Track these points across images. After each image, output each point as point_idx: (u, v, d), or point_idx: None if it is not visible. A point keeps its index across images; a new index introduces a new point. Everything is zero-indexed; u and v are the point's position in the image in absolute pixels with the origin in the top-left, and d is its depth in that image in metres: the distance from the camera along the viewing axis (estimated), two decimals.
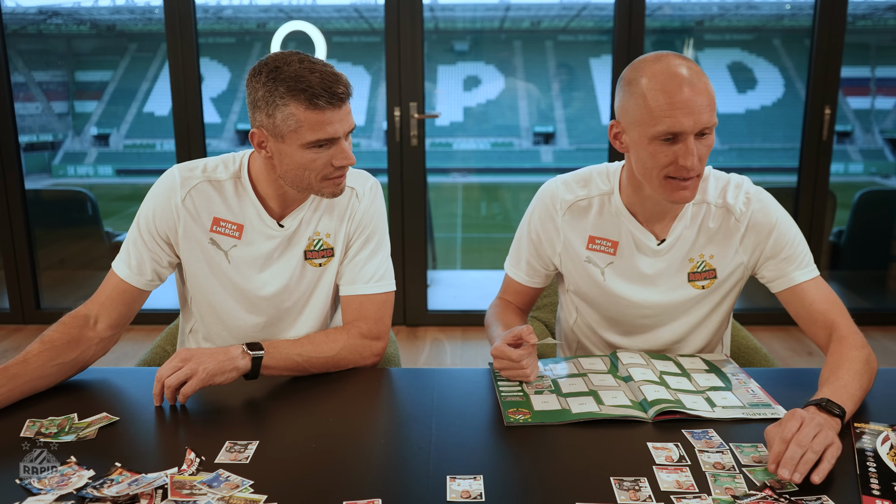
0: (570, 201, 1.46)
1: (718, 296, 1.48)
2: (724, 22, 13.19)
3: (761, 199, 1.40)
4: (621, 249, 1.44)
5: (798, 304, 1.39)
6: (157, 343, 1.66)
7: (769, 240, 1.39)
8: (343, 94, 1.26)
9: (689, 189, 1.28)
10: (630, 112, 1.27)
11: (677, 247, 1.42)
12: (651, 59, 1.26)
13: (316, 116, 1.24)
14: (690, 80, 1.21)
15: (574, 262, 1.49)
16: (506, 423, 1.17)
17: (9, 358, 1.09)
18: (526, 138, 14.56)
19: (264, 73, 1.26)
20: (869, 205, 4.42)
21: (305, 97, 1.23)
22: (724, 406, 1.24)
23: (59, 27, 9.92)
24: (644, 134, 1.25)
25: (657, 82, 1.22)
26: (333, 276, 1.49)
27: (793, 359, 3.36)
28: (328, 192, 1.34)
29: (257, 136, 1.31)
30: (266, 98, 1.25)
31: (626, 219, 1.43)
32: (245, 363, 1.27)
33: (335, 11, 10.59)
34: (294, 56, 1.27)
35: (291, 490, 0.98)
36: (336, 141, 1.28)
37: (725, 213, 1.40)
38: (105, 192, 13.30)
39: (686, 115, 1.21)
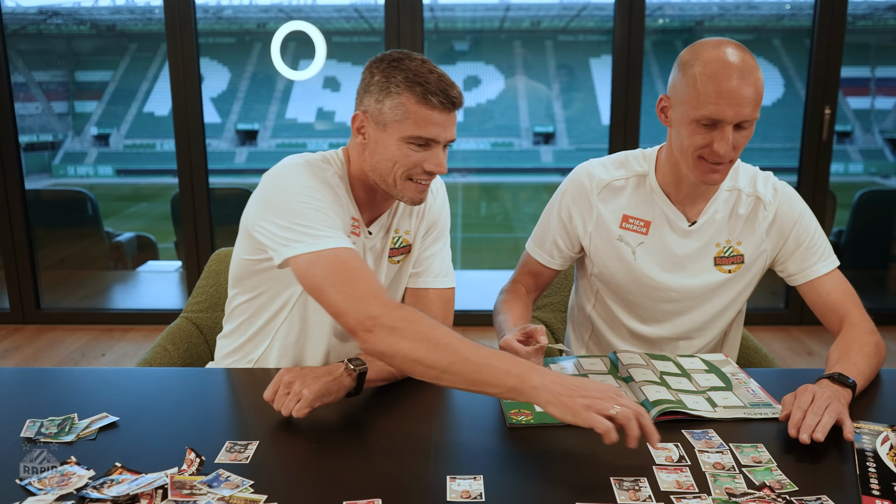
0: (606, 181, 1.50)
1: (742, 282, 1.51)
2: (724, 22, 13.18)
3: (787, 192, 1.47)
4: (653, 229, 1.48)
5: (816, 294, 1.46)
6: (157, 343, 1.66)
7: (793, 231, 1.45)
8: (455, 98, 1.25)
9: (720, 173, 1.33)
10: (679, 91, 1.32)
11: (707, 229, 1.47)
12: (710, 45, 1.29)
13: (424, 113, 1.24)
14: (741, 72, 1.25)
15: (605, 242, 1.51)
16: (508, 424, 1.17)
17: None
18: (526, 138, 14.56)
19: (386, 62, 1.27)
20: (869, 205, 4.42)
21: (420, 91, 1.23)
22: (726, 406, 1.24)
23: (59, 27, 9.92)
24: (687, 114, 1.30)
25: (710, 68, 1.26)
26: (408, 272, 1.49)
27: (793, 359, 3.36)
28: (409, 196, 1.32)
29: (359, 118, 1.30)
30: (381, 83, 1.25)
31: (659, 199, 1.47)
32: (350, 381, 1.23)
33: (335, 11, 10.59)
34: (418, 56, 1.28)
35: (291, 490, 0.98)
36: (434, 145, 1.28)
37: (756, 202, 1.46)
38: (105, 192, 13.31)
39: (729, 105, 1.25)
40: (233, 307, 1.49)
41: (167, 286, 5.00)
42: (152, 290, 5.04)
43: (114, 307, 4.60)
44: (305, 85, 14.11)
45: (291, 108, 14.56)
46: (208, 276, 1.78)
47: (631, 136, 3.64)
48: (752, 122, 1.29)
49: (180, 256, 4.28)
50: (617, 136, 3.66)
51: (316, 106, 14.41)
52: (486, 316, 1.61)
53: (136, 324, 3.95)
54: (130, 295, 5.02)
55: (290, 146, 14.09)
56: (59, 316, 3.98)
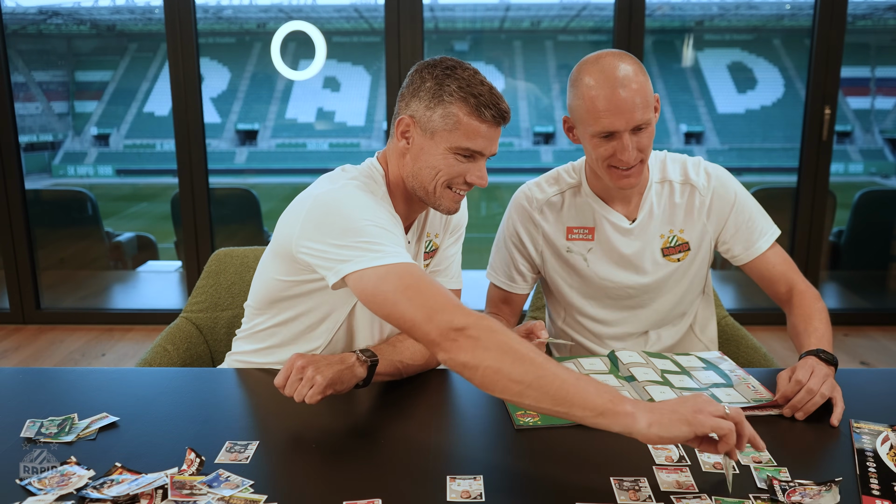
0: (543, 199, 1.56)
1: (694, 267, 1.56)
2: (724, 22, 13.19)
3: (719, 175, 1.52)
4: (598, 233, 1.53)
5: (761, 269, 1.53)
6: (157, 343, 1.66)
7: (731, 214, 1.51)
8: (505, 113, 1.26)
9: (632, 176, 1.39)
10: (575, 111, 1.40)
11: (648, 224, 1.51)
12: (591, 61, 1.37)
13: (475, 125, 1.24)
14: (623, 81, 1.31)
15: (556, 256, 1.56)
16: (516, 427, 1.16)
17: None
18: (526, 138, 14.56)
19: (439, 68, 1.25)
20: (869, 205, 4.42)
21: (474, 102, 1.23)
22: (730, 402, 1.24)
23: (59, 27, 9.92)
24: (586, 131, 1.38)
25: (593, 84, 1.33)
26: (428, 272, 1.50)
27: (793, 359, 3.35)
28: (445, 204, 1.31)
29: (405, 122, 1.27)
30: (433, 90, 1.24)
31: (596, 205, 1.52)
32: (362, 371, 1.24)
33: (335, 11, 10.60)
34: (469, 66, 1.28)
35: (291, 490, 0.98)
36: (479, 157, 1.28)
37: (690, 189, 1.51)
38: (105, 192, 13.31)
39: (618, 115, 1.32)
40: (258, 329, 1.44)
41: (167, 286, 5.00)
42: (152, 290, 5.04)
43: (114, 307, 4.60)
44: (305, 85, 14.11)
45: (291, 108, 14.57)
46: (208, 276, 1.78)
47: None
48: (647, 123, 1.35)
49: (180, 256, 4.28)
50: None
51: (316, 106, 14.41)
52: None
53: (136, 324, 3.95)
54: (130, 295, 5.02)
55: (289, 146, 14.09)
56: (59, 316, 3.98)
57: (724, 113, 14.20)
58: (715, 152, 13.48)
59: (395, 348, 1.34)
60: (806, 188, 3.70)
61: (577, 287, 1.57)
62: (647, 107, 1.33)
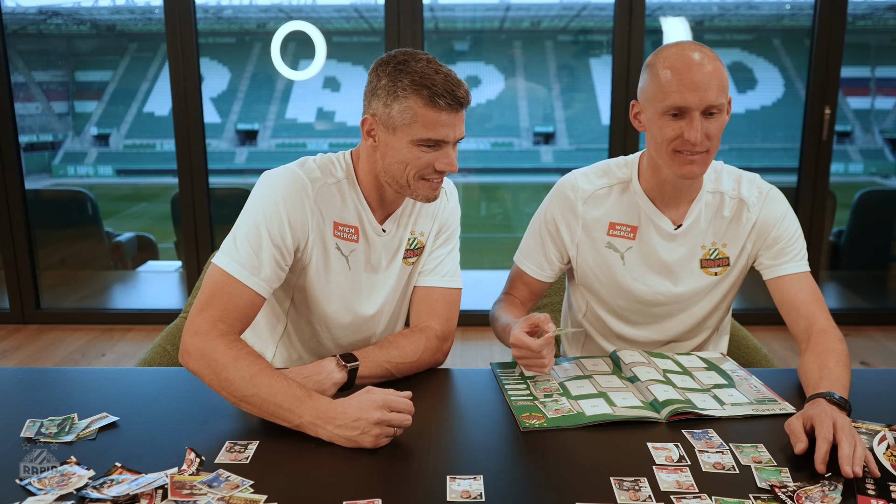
0: (590, 191, 1.51)
1: (727, 284, 1.53)
2: (724, 22, 13.19)
3: (772, 195, 1.48)
4: (640, 234, 1.49)
5: (783, 293, 1.45)
6: (156, 343, 1.66)
7: (773, 230, 1.46)
8: (462, 98, 1.26)
9: (697, 164, 1.34)
10: (646, 91, 1.37)
11: (692, 233, 1.48)
12: (670, 45, 1.36)
13: (433, 115, 1.24)
14: (700, 62, 1.30)
15: (593, 251, 1.52)
16: (521, 429, 1.16)
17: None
18: (526, 138, 14.55)
19: (392, 64, 1.27)
20: (869, 205, 4.42)
21: (427, 94, 1.23)
22: (733, 403, 1.24)
23: (59, 27, 9.92)
24: (656, 110, 1.34)
25: (670, 62, 1.32)
26: (417, 272, 1.50)
27: (793, 359, 3.36)
28: (423, 194, 1.33)
29: (369, 122, 1.31)
30: (388, 87, 1.26)
31: (644, 204, 1.48)
32: (341, 377, 1.26)
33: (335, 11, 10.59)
34: (423, 55, 1.28)
35: (291, 490, 0.98)
36: (444, 145, 1.28)
37: (740, 204, 1.47)
38: (105, 192, 13.30)
39: (691, 92, 1.29)
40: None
41: (167, 286, 4.99)
42: (152, 290, 5.03)
43: (114, 307, 4.60)
44: (305, 85, 14.11)
45: (291, 108, 14.56)
46: None
47: (631, 137, 3.64)
48: (719, 108, 1.32)
49: (180, 256, 4.28)
50: (617, 137, 3.66)
51: (316, 106, 14.41)
52: (486, 316, 1.61)
53: (136, 324, 3.95)
54: (130, 295, 5.01)
55: (290, 146, 14.09)
56: (59, 316, 3.98)
57: None
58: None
59: (381, 349, 1.34)
60: (806, 188, 3.70)
61: (608, 284, 1.54)
62: (722, 91, 1.31)
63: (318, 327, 1.44)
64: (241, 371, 1.14)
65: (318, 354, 1.47)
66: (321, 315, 1.42)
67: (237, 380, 1.14)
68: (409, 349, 1.36)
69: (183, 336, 1.21)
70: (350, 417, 1.08)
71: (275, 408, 1.12)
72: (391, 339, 1.38)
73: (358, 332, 1.47)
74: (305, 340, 1.47)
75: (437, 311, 1.46)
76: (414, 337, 1.39)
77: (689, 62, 1.30)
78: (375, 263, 1.43)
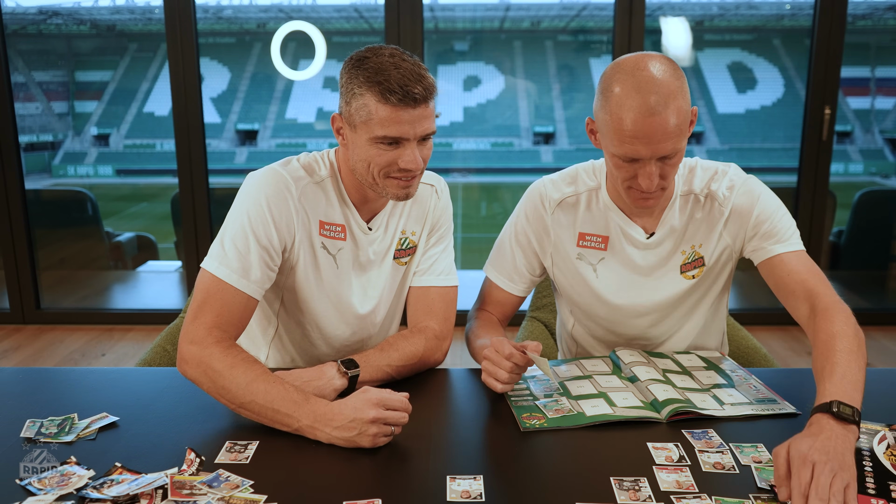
0: (557, 199, 1.45)
1: (707, 283, 1.47)
2: (724, 22, 13.19)
3: (746, 184, 1.40)
4: (612, 244, 1.44)
5: (777, 274, 1.35)
6: (156, 343, 1.66)
7: (751, 218, 1.38)
8: (418, 95, 1.20)
9: (652, 199, 1.30)
10: (600, 120, 1.28)
11: (667, 240, 1.42)
12: (627, 71, 1.22)
13: (386, 112, 1.21)
14: (657, 107, 1.18)
15: (565, 262, 1.48)
16: (522, 429, 1.16)
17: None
18: (526, 138, 14.55)
19: (353, 61, 1.25)
20: (869, 205, 4.42)
21: (379, 89, 1.19)
22: (733, 403, 1.24)
23: (59, 27, 9.92)
24: (609, 147, 1.27)
25: (625, 102, 1.20)
26: (412, 272, 1.49)
27: (793, 359, 3.36)
28: (392, 192, 1.30)
29: (336, 121, 1.30)
30: (347, 85, 1.24)
31: (613, 213, 1.42)
32: (342, 383, 1.24)
33: (335, 11, 10.59)
34: (387, 50, 1.24)
35: (291, 490, 0.98)
36: (404, 142, 1.24)
37: (710, 201, 1.40)
38: (105, 192, 13.31)
39: (645, 144, 1.20)
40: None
41: (167, 286, 4.99)
42: (152, 290, 5.03)
43: (114, 307, 4.60)
44: (305, 85, 14.11)
45: (291, 108, 14.57)
46: None
47: None
48: (677, 151, 1.23)
49: (180, 256, 4.28)
50: None
51: (316, 106, 14.41)
52: None
53: (136, 324, 3.95)
54: (130, 295, 5.01)
55: (289, 146, 14.09)
56: (59, 316, 3.98)
57: (724, 113, 14.19)
58: (715, 152, 13.48)
59: (382, 352, 1.33)
60: (806, 188, 3.70)
61: (586, 296, 1.49)
62: (680, 135, 1.22)
63: (309, 328, 1.43)
64: (238, 378, 1.14)
65: (310, 356, 1.47)
66: (311, 315, 1.41)
67: (234, 387, 1.14)
68: (409, 351, 1.36)
69: (179, 344, 1.21)
70: (346, 418, 1.08)
71: (273, 413, 1.12)
72: (390, 341, 1.38)
73: (351, 332, 1.45)
74: (297, 342, 1.47)
75: (435, 311, 1.46)
76: (413, 338, 1.39)
77: (646, 105, 1.18)
78: (364, 262, 1.42)
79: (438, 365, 1.44)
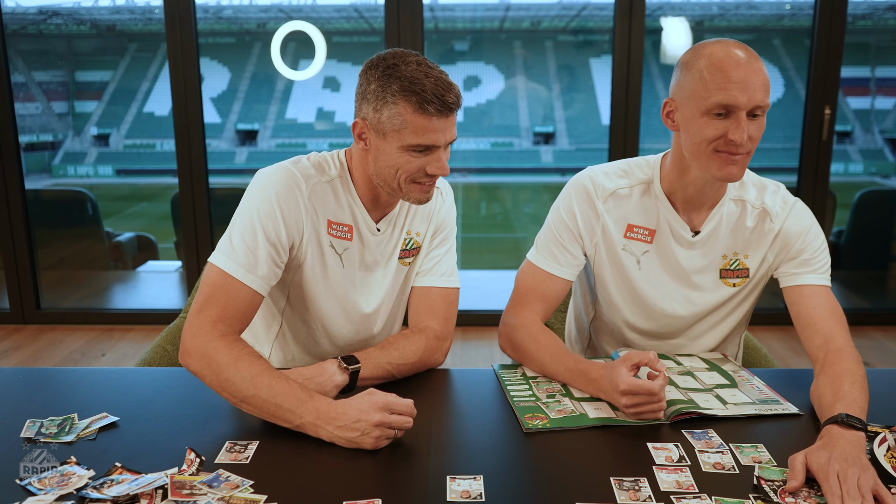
0: (611, 189, 1.45)
1: (744, 295, 1.49)
2: (724, 22, 13.18)
3: (797, 207, 1.44)
4: (658, 238, 1.44)
5: (802, 303, 1.39)
6: (156, 343, 1.66)
7: (797, 242, 1.42)
8: (453, 103, 1.24)
9: (738, 165, 1.28)
10: (685, 88, 1.29)
11: (712, 241, 1.43)
12: (711, 42, 1.29)
13: (422, 121, 1.23)
14: (748, 60, 1.24)
15: (610, 251, 1.47)
16: (524, 430, 1.16)
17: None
18: (526, 138, 14.55)
19: (381, 68, 1.25)
20: (869, 205, 4.42)
21: (416, 100, 1.21)
22: (736, 403, 1.24)
23: (59, 27, 9.92)
24: (698, 108, 1.27)
25: (715, 59, 1.25)
26: (415, 272, 1.50)
27: (793, 359, 3.36)
28: (414, 197, 1.32)
29: (359, 126, 1.30)
30: (377, 92, 1.24)
31: (664, 206, 1.43)
32: (343, 379, 1.25)
33: (335, 11, 10.58)
34: (413, 57, 1.26)
35: (291, 490, 0.98)
36: (435, 149, 1.27)
37: (763, 214, 1.43)
38: (105, 192, 13.30)
39: (741, 90, 1.22)
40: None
41: (167, 286, 4.99)
42: (152, 290, 5.03)
43: (114, 307, 4.60)
44: (305, 85, 14.10)
45: (291, 108, 14.55)
46: None
47: (631, 137, 3.64)
48: (764, 109, 1.26)
49: (180, 256, 4.28)
50: (617, 137, 3.66)
51: (316, 106, 14.40)
52: (486, 316, 1.61)
53: (136, 324, 3.95)
54: (130, 295, 5.01)
55: (290, 146, 14.09)
56: (59, 316, 3.98)
57: None
58: None
59: (383, 350, 1.34)
60: (806, 188, 3.70)
61: (622, 288, 1.48)
62: (767, 92, 1.24)
63: (314, 326, 1.44)
64: (242, 372, 1.14)
65: (313, 354, 1.48)
66: (317, 313, 1.42)
67: (238, 380, 1.14)
68: (410, 350, 1.36)
69: (182, 337, 1.21)
70: (351, 419, 1.08)
71: (275, 408, 1.12)
72: (391, 339, 1.38)
73: (355, 331, 1.47)
74: (301, 340, 1.47)
75: (436, 311, 1.46)
76: (414, 337, 1.39)
77: (737, 60, 1.23)
78: (370, 262, 1.43)
79: (439, 365, 1.45)
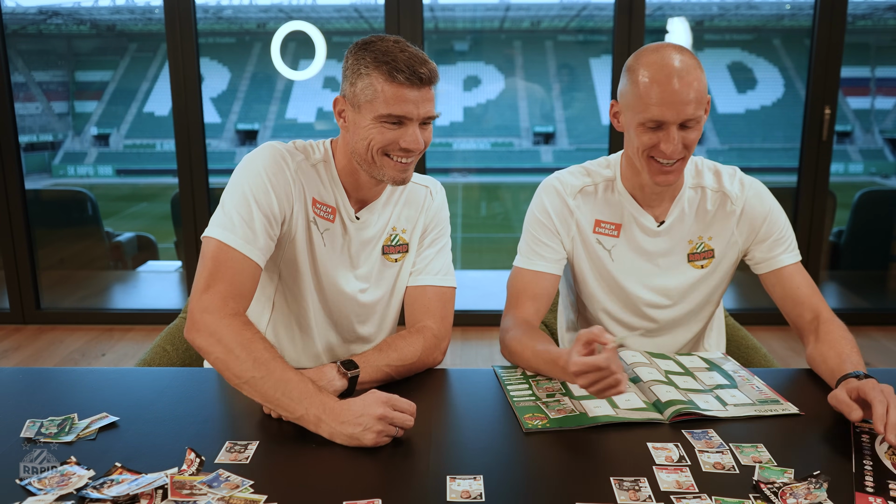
0: (578, 186, 1.52)
1: (716, 277, 1.54)
2: (724, 22, 13.19)
3: (754, 186, 1.51)
4: (624, 231, 1.51)
5: (783, 286, 1.48)
6: (156, 343, 1.66)
7: (763, 224, 1.48)
8: (424, 75, 1.25)
9: (672, 174, 1.37)
10: (626, 96, 1.37)
11: (676, 228, 1.50)
12: (651, 49, 1.35)
13: (393, 90, 1.25)
14: (680, 73, 1.29)
15: (586, 244, 1.53)
16: (524, 430, 1.16)
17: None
18: (526, 138, 14.55)
19: (359, 45, 1.29)
20: (869, 205, 4.43)
21: (387, 69, 1.24)
22: (736, 404, 1.24)
23: (59, 27, 9.92)
24: (634, 118, 1.35)
25: (650, 73, 1.31)
26: (408, 271, 1.51)
27: (793, 359, 3.36)
28: (389, 174, 1.32)
29: (339, 103, 1.34)
30: (353, 67, 1.28)
31: (627, 201, 1.50)
32: (342, 384, 1.26)
33: (335, 11, 10.58)
34: (393, 37, 1.30)
35: (291, 490, 0.98)
36: (408, 121, 1.28)
37: (722, 197, 1.49)
38: (105, 192, 13.31)
39: (669, 106, 1.30)
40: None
41: (167, 286, 4.99)
42: (152, 290, 5.03)
43: (114, 307, 4.60)
44: (305, 85, 14.11)
45: (291, 108, 14.56)
46: None
47: None
48: (697, 120, 1.33)
49: (180, 256, 4.28)
50: (617, 137, 3.66)
51: (316, 106, 14.41)
52: (486, 316, 1.61)
53: (136, 324, 3.95)
54: (130, 295, 5.01)
55: None
56: (59, 316, 3.98)
57: (724, 113, 14.20)
58: (715, 152, 13.49)
59: (381, 353, 1.34)
60: (806, 188, 3.70)
61: (600, 279, 1.54)
62: (700, 103, 1.32)
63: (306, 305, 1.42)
64: (256, 353, 1.14)
65: (303, 343, 1.47)
66: (308, 289, 1.41)
67: (249, 360, 1.13)
68: (408, 350, 1.37)
69: (191, 312, 1.20)
70: (355, 413, 1.09)
71: (280, 395, 1.12)
72: (389, 341, 1.38)
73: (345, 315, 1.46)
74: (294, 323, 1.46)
75: (432, 310, 1.46)
76: (412, 338, 1.39)
77: (669, 73, 1.29)
78: (352, 250, 1.43)
79: (437, 365, 1.45)
